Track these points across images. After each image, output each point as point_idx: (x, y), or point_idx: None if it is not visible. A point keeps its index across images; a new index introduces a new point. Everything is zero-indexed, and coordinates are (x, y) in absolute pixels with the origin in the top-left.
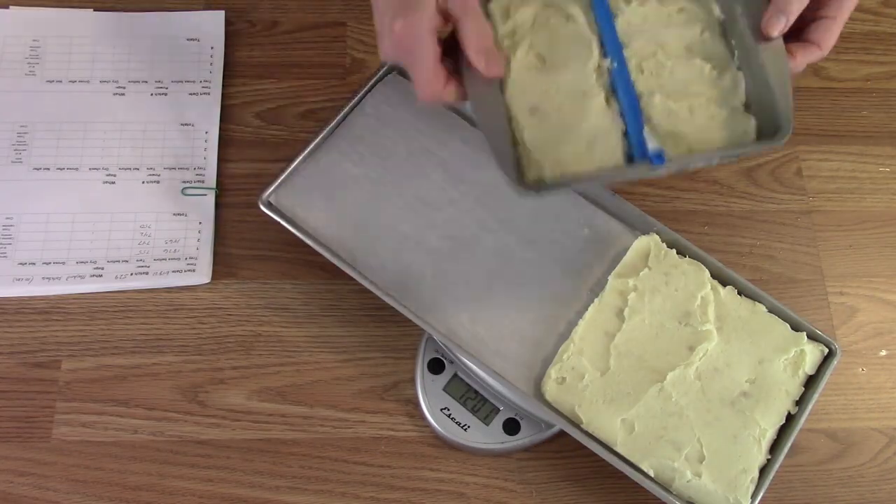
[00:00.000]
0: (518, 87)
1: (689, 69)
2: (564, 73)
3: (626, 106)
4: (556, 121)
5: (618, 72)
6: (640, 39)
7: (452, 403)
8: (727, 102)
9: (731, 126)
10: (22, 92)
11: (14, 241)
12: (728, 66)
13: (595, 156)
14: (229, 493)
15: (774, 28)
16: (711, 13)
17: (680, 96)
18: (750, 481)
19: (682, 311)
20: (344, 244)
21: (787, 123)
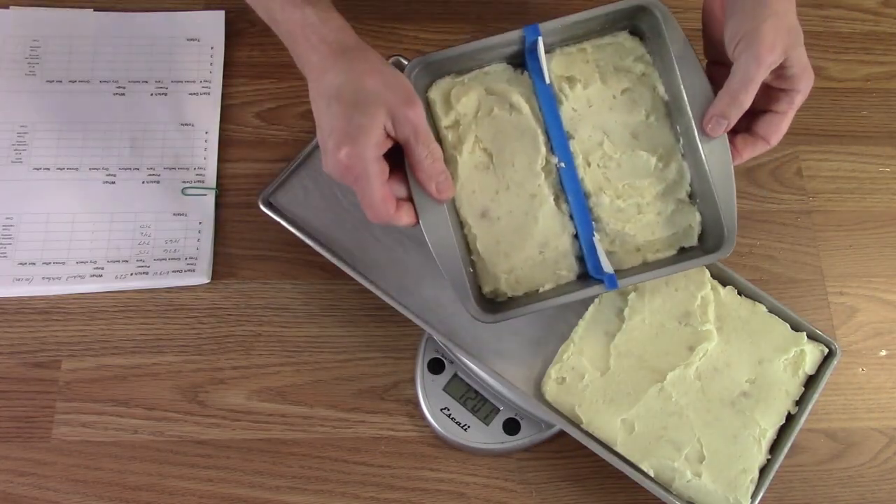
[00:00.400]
0: (467, 189)
1: (634, 161)
2: (512, 173)
3: (576, 210)
4: (507, 224)
5: (566, 172)
6: (586, 127)
7: (452, 403)
8: (673, 195)
9: (678, 221)
10: (22, 92)
11: (14, 241)
12: (674, 155)
13: (548, 262)
14: (229, 493)
15: (715, 131)
16: (656, 93)
17: (628, 194)
18: (750, 481)
19: (682, 311)
20: (344, 244)
21: (728, 236)
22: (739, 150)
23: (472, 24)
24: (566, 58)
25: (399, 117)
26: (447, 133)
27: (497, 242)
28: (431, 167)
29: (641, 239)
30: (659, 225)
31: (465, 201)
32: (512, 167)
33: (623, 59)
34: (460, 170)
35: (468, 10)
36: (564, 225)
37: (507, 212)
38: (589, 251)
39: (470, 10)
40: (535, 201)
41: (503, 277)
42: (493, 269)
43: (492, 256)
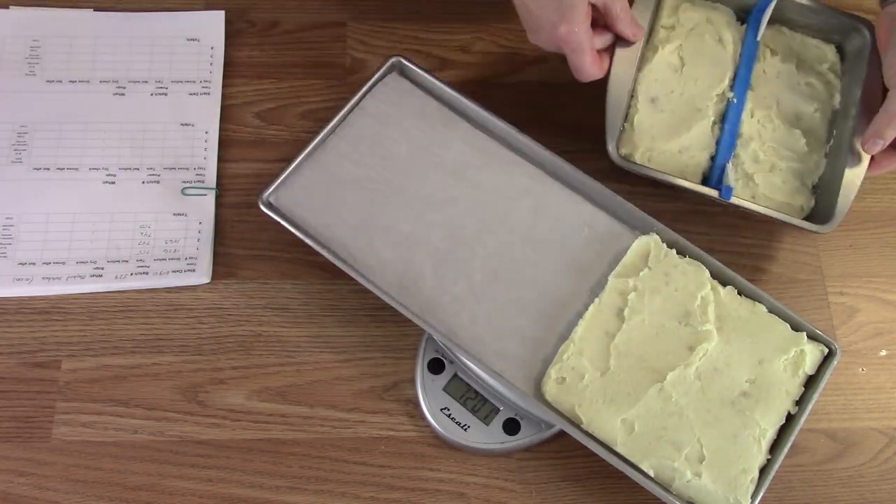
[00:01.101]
0: (652, 74)
1: (789, 135)
2: (694, 84)
3: (726, 139)
4: (667, 119)
5: (734, 108)
6: (765, 89)
7: (452, 403)
8: (802, 178)
9: (795, 197)
10: (22, 92)
11: (14, 241)
12: (819, 149)
13: (681, 162)
14: (229, 493)
15: (871, 148)
16: (831, 100)
17: (771, 153)
18: (750, 481)
19: (682, 311)
20: (344, 244)
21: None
22: (878, 161)
23: (473, 25)
24: (780, 34)
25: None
26: (660, 29)
27: (651, 125)
28: (626, 16)
29: (761, 191)
30: (780, 190)
31: (645, 83)
32: (695, 81)
33: (820, 64)
34: (655, 59)
35: (468, 10)
36: (709, 144)
37: (672, 109)
38: (719, 171)
39: (470, 10)
40: (697, 114)
41: (641, 150)
42: (636, 140)
43: (640, 133)
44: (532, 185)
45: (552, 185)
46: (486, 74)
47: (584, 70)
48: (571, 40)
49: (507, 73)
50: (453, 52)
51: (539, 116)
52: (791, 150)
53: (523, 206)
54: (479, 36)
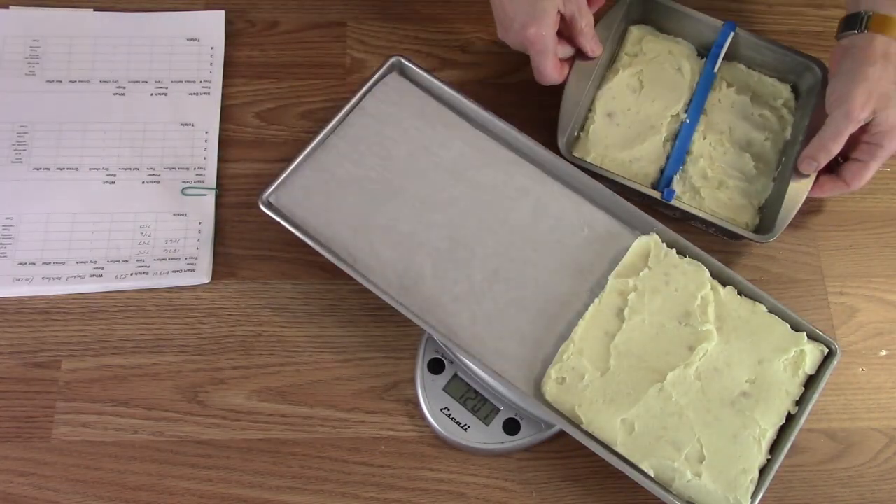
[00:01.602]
0: (611, 92)
1: (739, 157)
2: (650, 104)
3: (676, 153)
4: (622, 132)
5: (687, 127)
6: (719, 116)
7: (452, 403)
8: (749, 197)
9: (740, 214)
10: (22, 92)
11: (14, 241)
12: (768, 173)
13: (631, 171)
14: (229, 493)
15: (806, 169)
16: (783, 132)
17: (720, 171)
18: (750, 481)
19: (682, 311)
20: (344, 244)
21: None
22: (822, 186)
23: (473, 25)
24: (737, 71)
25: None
26: (624, 56)
27: (605, 136)
28: (590, 31)
29: (707, 204)
30: (725, 206)
31: (604, 98)
32: (651, 102)
33: (775, 100)
34: (615, 78)
35: (468, 10)
36: (660, 157)
37: (627, 125)
38: (666, 182)
39: (470, 10)
40: (651, 131)
41: (593, 155)
42: (590, 147)
43: (595, 141)
44: (532, 185)
45: (552, 185)
46: (486, 74)
47: (546, 73)
48: (538, 42)
49: (507, 73)
50: (453, 52)
51: (539, 116)
52: (740, 171)
53: (523, 206)
54: (479, 36)
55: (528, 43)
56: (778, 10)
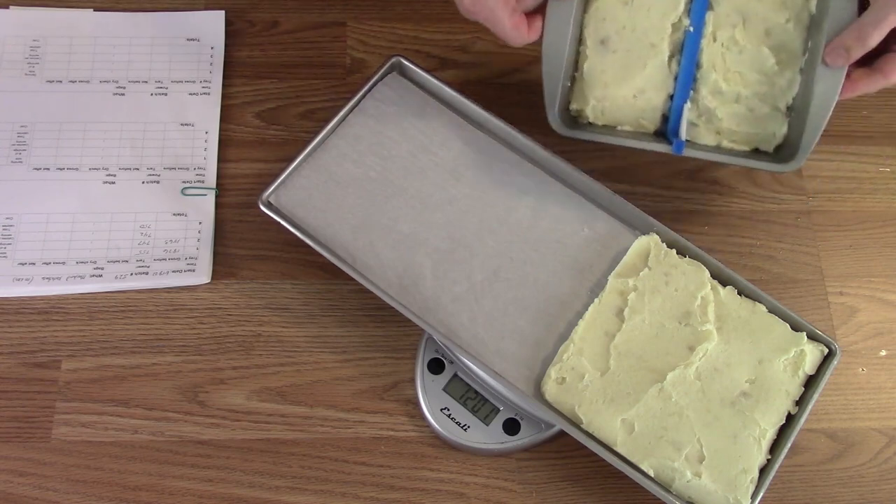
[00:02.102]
0: (599, 13)
1: (756, 55)
2: (644, 17)
3: (683, 75)
4: (619, 59)
5: (691, 37)
6: (729, 6)
7: (452, 403)
8: (773, 100)
9: (765, 125)
10: (22, 92)
11: (14, 241)
12: (793, 65)
13: (637, 107)
14: (229, 493)
15: (835, 61)
16: (807, 4)
17: (734, 80)
18: (750, 481)
19: (682, 311)
20: (344, 244)
21: (801, 154)
22: (855, 82)
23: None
24: None
25: None
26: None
27: (603, 71)
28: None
29: (726, 125)
30: (747, 120)
31: (593, 23)
32: (647, 12)
33: None
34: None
35: None
36: (666, 82)
37: (625, 48)
38: (675, 114)
39: None
40: (652, 50)
41: (593, 103)
42: (588, 91)
43: (593, 80)
44: (532, 185)
45: (552, 184)
46: (486, 74)
47: (506, 36)
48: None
49: (507, 73)
50: (453, 52)
51: (539, 116)
52: (759, 72)
53: (523, 206)
54: (478, 36)
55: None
56: None
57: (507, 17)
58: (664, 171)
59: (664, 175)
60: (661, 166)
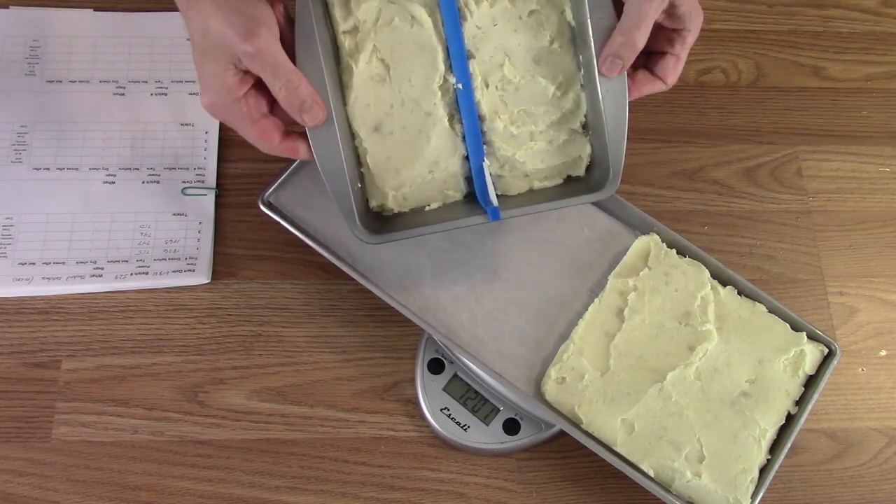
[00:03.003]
0: (361, 102)
1: (533, 87)
2: (408, 88)
3: (469, 134)
4: (399, 140)
5: (463, 94)
6: (489, 47)
7: (452, 403)
8: (567, 125)
9: (568, 151)
10: (22, 92)
11: (14, 241)
12: (573, 85)
13: (437, 182)
14: (229, 493)
15: (610, 71)
16: (563, 18)
17: (522, 121)
18: (750, 481)
19: (682, 311)
20: (344, 244)
21: (612, 177)
22: (639, 86)
23: None
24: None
25: (241, 56)
26: (345, 39)
27: (388, 158)
28: (291, 97)
29: (531, 166)
30: (549, 154)
31: (359, 114)
32: (409, 83)
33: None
34: (356, 80)
35: None
36: (456, 146)
37: (401, 127)
38: (478, 175)
39: None
40: (429, 120)
41: (391, 194)
42: (381, 184)
43: (381, 171)
44: None
45: None
46: None
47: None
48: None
49: None
50: None
51: None
52: (543, 103)
53: None
54: None
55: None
56: (778, 9)
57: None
58: (664, 171)
59: (664, 175)
60: (661, 166)
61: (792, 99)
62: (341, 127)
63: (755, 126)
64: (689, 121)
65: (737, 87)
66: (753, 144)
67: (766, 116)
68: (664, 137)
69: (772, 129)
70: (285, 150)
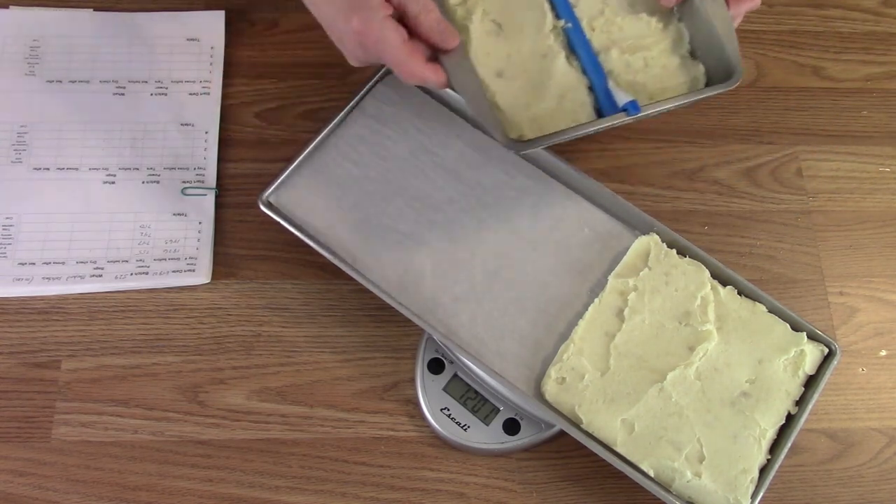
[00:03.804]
0: (481, 53)
1: (636, 23)
2: (522, 38)
3: (587, 62)
4: (524, 82)
5: (573, 31)
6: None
7: (452, 403)
8: (677, 51)
9: (684, 73)
10: (22, 92)
11: (14, 241)
12: (670, 18)
13: (566, 110)
14: (229, 493)
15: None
16: None
17: (634, 49)
18: (750, 481)
19: (682, 311)
20: (344, 244)
21: (736, 68)
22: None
23: None
24: None
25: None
26: (455, 9)
27: (516, 97)
28: (427, 19)
29: (653, 87)
30: (667, 75)
31: (482, 63)
32: (521, 32)
33: None
34: (472, 36)
35: None
36: (579, 79)
37: (523, 71)
38: (605, 95)
39: None
40: (546, 60)
41: (525, 125)
42: (516, 119)
43: (513, 109)
44: (532, 185)
45: (552, 184)
46: None
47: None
48: (369, 32)
49: None
50: None
51: None
52: (649, 34)
53: (523, 206)
54: None
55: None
56: (778, 9)
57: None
58: (664, 171)
59: (664, 175)
60: (661, 166)
61: (792, 99)
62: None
63: (755, 126)
64: (689, 121)
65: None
66: (753, 144)
67: (766, 116)
68: (664, 137)
69: (772, 129)
70: (429, 73)
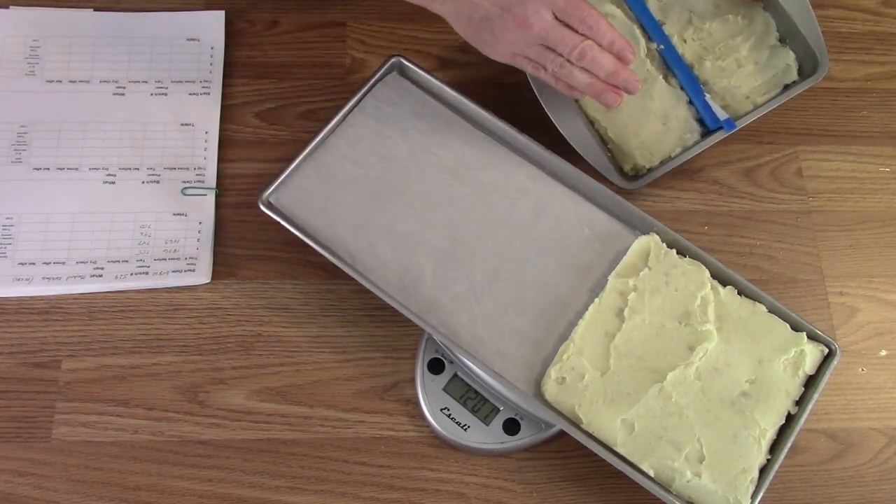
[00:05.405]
0: None
1: (724, 25)
2: None
3: (684, 80)
4: (630, 110)
5: (667, 52)
6: (674, 12)
7: (452, 403)
8: (765, 43)
9: (775, 63)
10: (22, 92)
11: (14, 241)
12: (756, 10)
13: (672, 129)
14: (229, 493)
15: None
16: None
17: (725, 53)
18: (750, 481)
19: (682, 311)
20: (344, 244)
21: (822, 58)
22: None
23: None
24: None
25: None
26: None
27: (625, 126)
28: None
29: (747, 87)
30: (759, 71)
31: (589, 100)
32: None
33: None
34: None
35: None
36: (678, 96)
37: (627, 99)
38: (704, 110)
39: None
40: (647, 84)
41: (637, 153)
42: (627, 148)
43: (623, 139)
44: (532, 185)
45: (552, 185)
46: (486, 74)
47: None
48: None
49: (507, 73)
50: (453, 52)
51: (539, 116)
52: (737, 33)
53: (523, 206)
54: None
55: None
56: None
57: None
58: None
59: (665, 175)
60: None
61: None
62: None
63: (755, 126)
64: None
65: None
66: (753, 144)
67: (766, 116)
68: None
69: (772, 129)
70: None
